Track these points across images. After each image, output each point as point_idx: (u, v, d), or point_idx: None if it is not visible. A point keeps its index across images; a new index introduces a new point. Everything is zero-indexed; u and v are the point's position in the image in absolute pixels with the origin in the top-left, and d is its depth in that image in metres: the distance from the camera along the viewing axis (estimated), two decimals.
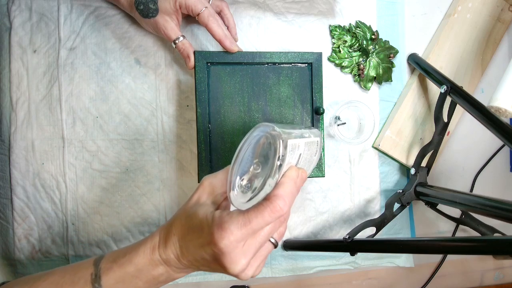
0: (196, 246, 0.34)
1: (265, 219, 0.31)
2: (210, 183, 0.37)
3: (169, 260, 0.35)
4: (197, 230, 0.34)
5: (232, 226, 0.31)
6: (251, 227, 0.31)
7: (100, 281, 0.35)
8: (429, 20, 0.67)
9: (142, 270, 0.35)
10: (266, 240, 0.33)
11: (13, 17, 0.54)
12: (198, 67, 0.52)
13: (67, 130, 0.56)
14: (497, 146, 0.71)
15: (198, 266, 0.35)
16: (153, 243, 0.36)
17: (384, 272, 0.68)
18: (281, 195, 0.32)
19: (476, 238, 0.42)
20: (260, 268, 0.35)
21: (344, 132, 0.63)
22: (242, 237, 0.32)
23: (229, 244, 0.31)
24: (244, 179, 0.35)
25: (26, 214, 0.55)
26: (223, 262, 0.32)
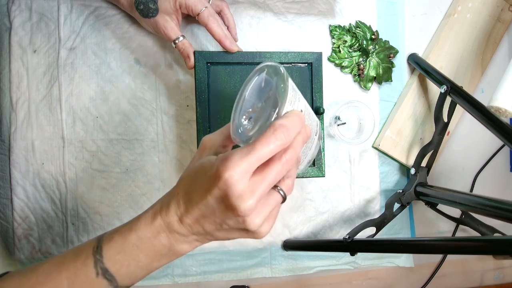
0: (201, 192, 0.32)
1: (269, 146, 0.30)
2: (210, 139, 0.37)
3: (172, 223, 0.33)
4: (201, 176, 0.32)
5: (236, 156, 0.30)
6: (256, 155, 0.30)
7: (101, 252, 0.34)
8: (429, 20, 0.67)
9: (143, 239, 0.34)
10: (273, 180, 0.31)
11: (13, 17, 0.54)
12: (198, 67, 0.52)
13: (67, 130, 0.56)
14: (497, 146, 0.71)
15: (204, 227, 0.33)
16: (154, 209, 0.35)
17: (384, 272, 0.68)
18: (284, 124, 0.30)
19: (476, 238, 0.42)
20: (270, 221, 0.33)
21: (344, 132, 0.63)
22: (247, 166, 0.30)
23: (234, 174, 0.29)
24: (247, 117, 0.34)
25: (26, 214, 0.55)
26: (229, 197, 0.30)
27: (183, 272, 0.59)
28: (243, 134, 0.34)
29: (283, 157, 0.31)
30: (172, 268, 0.59)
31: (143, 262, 0.34)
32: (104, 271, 0.34)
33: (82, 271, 0.34)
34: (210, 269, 0.60)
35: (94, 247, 0.35)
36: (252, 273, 0.61)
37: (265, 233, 0.33)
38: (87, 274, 0.34)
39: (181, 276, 0.59)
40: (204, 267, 0.60)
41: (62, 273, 0.34)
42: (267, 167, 0.31)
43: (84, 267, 0.34)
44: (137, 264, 0.34)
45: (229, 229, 0.33)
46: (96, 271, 0.34)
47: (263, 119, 0.33)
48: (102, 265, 0.34)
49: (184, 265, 0.59)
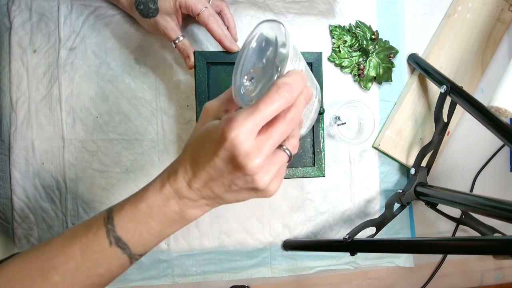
0: (208, 155, 0.31)
1: (273, 104, 0.30)
2: (212, 105, 0.36)
3: (180, 189, 0.33)
4: (207, 140, 0.32)
5: (240, 116, 0.30)
6: (260, 114, 0.29)
7: (113, 221, 0.34)
8: (429, 20, 0.67)
9: (153, 207, 0.34)
10: (279, 138, 0.31)
11: (13, 17, 0.54)
12: (198, 67, 0.52)
13: (67, 130, 0.56)
14: (497, 146, 0.71)
15: (213, 189, 0.33)
16: (162, 177, 0.35)
17: (384, 272, 0.68)
18: (287, 82, 0.30)
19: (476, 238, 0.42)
20: (278, 179, 0.33)
21: (344, 132, 0.63)
22: (253, 125, 0.30)
23: (239, 134, 0.29)
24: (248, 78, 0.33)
25: (26, 214, 0.55)
26: (236, 157, 0.30)
27: (183, 272, 0.59)
28: (245, 95, 0.33)
29: (287, 115, 0.31)
30: (172, 268, 0.59)
31: (155, 229, 0.35)
32: (117, 240, 0.34)
33: (95, 242, 0.34)
34: (210, 269, 0.60)
35: (105, 218, 0.35)
36: (252, 273, 0.61)
37: (273, 191, 0.33)
38: (100, 244, 0.34)
39: (181, 276, 0.59)
40: (204, 267, 0.60)
41: (75, 245, 0.34)
42: (272, 126, 0.31)
43: (97, 238, 0.34)
44: (149, 232, 0.35)
45: (238, 189, 0.33)
46: (109, 241, 0.34)
47: (265, 79, 0.32)
48: (114, 234, 0.34)
49: (184, 265, 0.59)
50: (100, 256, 0.34)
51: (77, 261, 0.34)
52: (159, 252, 0.59)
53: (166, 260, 0.59)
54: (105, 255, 0.34)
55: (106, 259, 0.35)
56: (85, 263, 0.34)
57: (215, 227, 0.60)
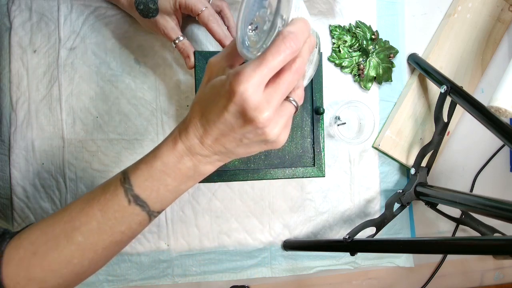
0: (217, 111, 0.32)
1: (280, 55, 0.29)
2: (216, 61, 0.36)
3: (193, 146, 0.34)
4: (215, 95, 0.32)
5: (248, 69, 0.29)
6: (267, 65, 0.29)
7: (129, 181, 0.35)
8: (429, 20, 0.67)
9: (168, 164, 0.35)
10: (286, 90, 0.31)
11: (13, 17, 0.54)
12: (198, 67, 0.52)
13: (67, 130, 0.56)
14: (497, 146, 0.71)
15: (224, 145, 0.33)
16: (173, 135, 0.35)
17: (384, 272, 0.68)
18: (293, 31, 0.30)
19: (476, 238, 0.42)
20: (286, 130, 0.34)
21: (344, 132, 0.63)
22: (260, 78, 0.29)
23: (248, 87, 0.29)
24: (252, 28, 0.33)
25: (26, 214, 0.55)
26: (246, 111, 0.30)
27: (183, 272, 0.59)
28: (249, 47, 0.33)
29: (293, 66, 0.31)
30: (172, 268, 0.59)
31: (171, 186, 0.36)
32: (135, 198, 0.35)
33: (114, 202, 0.35)
34: (210, 269, 0.60)
35: (121, 179, 0.36)
36: (252, 273, 0.61)
37: (282, 142, 0.34)
38: (120, 203, 0.35)
39: (181, 276, 0.59)
40: (204, 267, 0.60)
41: (94, 206, 0.36)
42: (279, 78, 0.31)
43: (115, 197, 0.35)
44: (166, 188, 0.36)
45: (249, 143, 0.33)
46: (128, 199, 0.35)
47: (269, 28, 0.31)
48: (132, 192, 0.35)
49: (184, 265, 0.59)
50: (120, 215, 0.35)
51: (98, 221, 0.35)
52: (159, 252, 0.59)
53: (166, 260, 0.59)
54: (125, 213, 0.35)
55: (126, 217, 0.36)
56: (106, 222, 0.35)
57: (215, 227, 0.60)
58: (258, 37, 0.32)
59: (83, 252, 0.36)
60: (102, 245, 0.36)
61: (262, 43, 0.31)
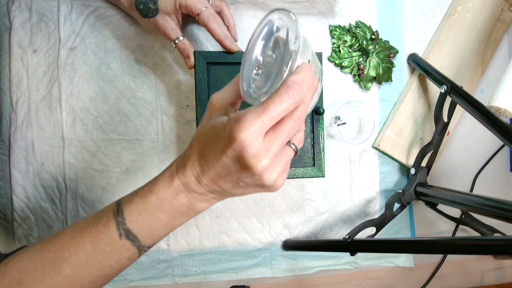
0: (216, 154, 0.32)
1: (282, 105, 0.29)
2: (218, 98, 0.36)
3: (189, 184, 0.34)
4: (215, 138, 0.32)
5: (249, 116, 0.30)
6: (269, 114, 0.29)
7: (122, 214, 0.35)
8: (429, 20, 0.67)
9: (163, 200, 0.34)
10: (286, 137, 0.32)
11: (13, 17, 0.54)
12: (198, 67, 0.52)
13: (67, 130, 0.56)
14: (497, 146, 0.71)
15: (221, 185, 0.34)
16: (171, 170, 0.35)
17: (384, 272, 0.68)
18: (297, 81, 0.30)
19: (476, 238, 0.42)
20: (284, 175, 0.34)
21: (344, 132, 0.63)
22: (261, 126, 0.30)
23: (248, 135, 0.29)
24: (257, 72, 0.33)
25: (26, 214, 0.55)
26: (245, 158, 0.30)
27: (183, 272, 0.59)
28: (253, 91, 0.33)
29: (295, 113, 0.31)
30: (172, 268, 0.59)
31: (164, 221, 0.35)
32: (127, 232, 0.35)
33: (105, 234, 0.35)
34: (210, 269, 0.60)
35: (114, 210, 0.35)
36: (252, 273, 0.61)
37: (280, 186, 0.34)
38: (110, 237, 0.35)
39: (181, 276, 0.59)
40: (204, 267, 0.60)
41: (85, 237, 0.35)
42: (280, 125, 0.31)
43: (107, 230, 0.35)
44: (159, 224, 0.35)
45: (246, 186, 0.33)
46: (119, 233, 0.35)
47: (274, 74, 0.31)
48: (124, 226, 0.35)
49: (184, 265, 0.59)
50: (110, 248, 0.35)
51: (87, 253, 0.35)
52: (159, 252, 0.59)
53: (166, 260, 0.59)
54: (115, 247, 0.35)
55: (116, 251, 0.35)
56: (95, 255, 0.35)
57: (215, 227, 0.60)
58: (263, 82, 0.33)
59: (69, 284, 0.35)
60: (89, 278, 0.35)
61: (267, 89, 0.31)
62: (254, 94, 0.33)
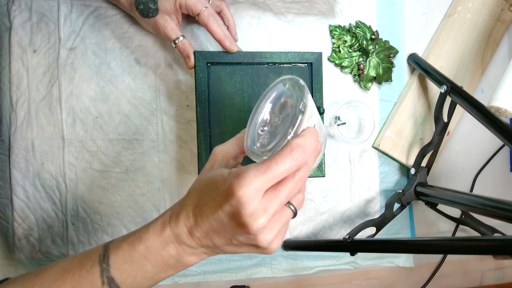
0: (212, 207, 0.31)
1: (285, 166, 0.29)
2: (221, 150, 0.36)
3: (181, 235, 0.33)
4: (213, 190, 0.32)
5: (250, 174, 0.29)
6: (271, 174, 0.29)
7: (108, 260, 0.34)
8: (429, 20, 0.67)
9: (151, 249, 0.33)
10: (286, 198, 0.31)
11: (13, 17, 0.54)
12: (198, 67, 0.52)
13: (67, 130, 0.56)
14: (497, 146, 0.71)
15: (213, 241, 0.33)
16: (164, 219, 0.34)
17: (384, 272, 0.68)
18: (301, 144, 0.30)
19: (476, 238, 0.42)
20: (280, 237, 0.33)
21: (344, 132, 0.63)
22: (261, 185, 0.29)
23: (247, 193, 0.29)
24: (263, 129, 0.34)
25: (26, 214, 0.55)
26: (241, 215, 0.29)
27: (183, 272, 0.59)
28: (257, 148, 0.33)
29: (297, 175, 0.31)
30: None
31: (150, 273, 0.34)
32: (110, 281, 0.33)
33: (88, 280, 0.34)
34: (210, 269, 0.60)
35: (101, 255, 0.34)
36: (252, 273, 0.61)
37: (274, 249, 0.33)
38: (93, 283, 0.33)
39: (181, 276, 0.59)
40: (204, 267, 0.60)
41: (67, 281, 0.34)
42: (280, 185, 0.31)
43: (90, 276, 0.34)
44: (144, 275, 0.34)
45: (239, 244, 0.32)
46: (102, 280, 0.33)
47: (279, 135, 0.32)
48: (108, 274, 0.33)
49: None
50: None
51: None
52: None
53: None
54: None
55: None
56: None
57: None
58: (268, 140, 0.33)
59: None
60: None
61: (271, 147, 0.32)
62: (257, 151, 0.33)
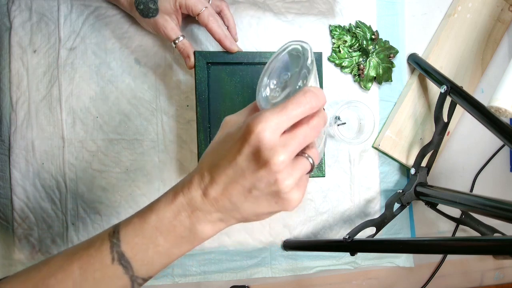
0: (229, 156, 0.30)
1: (300, 106, 0.29)
2: (232, 118, 0.35)
3: (194, 200, 0.31)
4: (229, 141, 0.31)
5: (267, 113, 0.29)
6: (287, 113, 0.29)
7: (118, 235, 0.32)
8: (429, 20, 0.67)
9: (162, 220, 0.32)
10: (303, 140, 0.30)
11: (13, 17, 0.54)
12: (198, 67, 0.52)
13: (67, 130, 0.56)
14: (497, 146, 0.71)
15: (230, 197, 0.31)
16: (175, 188, 0.33)
17: (384, 272, 0.68)
18: (312, 90, 0.30)
19: (476, 238, 0.42)
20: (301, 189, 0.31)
21: (344, 132, 0.63)
22: (279, 122, 0.29)
23: (265, 127, 0.28)
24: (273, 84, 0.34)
25: (26, 214, 0.55)
26: (261, 151, 0.29)
27: (183, 272, 0.59)
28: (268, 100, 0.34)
29: (311, 121, 0.31)
30: (172, 268, 0.59)
31: (162, 247, 0.32)
32: (120, 256, 0.32)
33: (96, 258, 0.32)
34: (210, 269, 0.60)
35: (110, 232, 0.33)
36: (252, 273, 0.61)
37: (296, 201, 0.31)
38: (102, 261, 0.32)
39: (181, 276, 0.59)
40: (204, 267, 0.60)
41: (74, 263, 0.32)
42: (296, 128, 0.30)
43: (99, 254, 0.32)
44: (156, 249, 0.32)
45: (259, 195, 0.31)
46: (111, 257, 0.32)
47: (290, 87, 0.33)
48: (118, 249, 0.32)
49: (184, 265, 0.59)
50: (100, 275, 0.32)
51: (74, 280, 0.32)
52: None
53: None
54: (105, 274, 0.32)
55: (106, 279, 0.32)
56: (83, 283, 0.32)
57: None
58: (279, 93, 0.34)
59: None
60: None
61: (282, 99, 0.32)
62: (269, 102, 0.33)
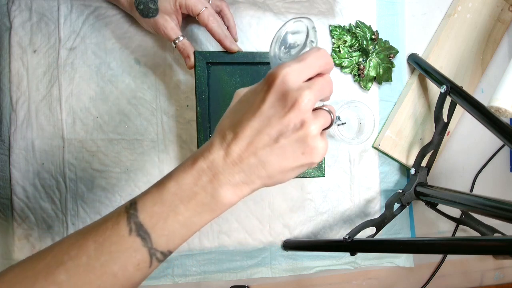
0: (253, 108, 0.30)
1: (316, 57, 0.31)
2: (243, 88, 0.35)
3: (215, 161, 0.30)
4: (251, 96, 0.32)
5: (288, 62, 0.31)
6: (306, 62, 0.30)
7: (136, 206, 0.31)
8: (429, 20, 0.67)
9: (182, 186, 0.30)
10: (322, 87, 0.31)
11: (13, 17, 0.54)
12: (198, 67, 0.52)
13: (67, 130, 0.56)
14: (497, 146, 0.71)
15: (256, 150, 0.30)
16: (195, 154, 0.32)
17: (384, 272, 0.68)
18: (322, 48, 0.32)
19: (476, 238, 0.42)
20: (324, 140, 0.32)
21: (344, 132, 0.63)
22: (300, 69, 0.30)
23: (290, 71, 0.30)
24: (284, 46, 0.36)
25: (26, 214, 0.55)
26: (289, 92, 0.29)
27: (183, 272, 0.59)
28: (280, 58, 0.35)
29: (325, 76, 0.32)
30: (172, 268, 0.59)
31: (183, 215, 0.31)
32: (138, 227, 0.30)
33: (113, 231, 0.30)
34: (210, 269, 0.60)
35: (127, 205, 0.32)
36: (252, 273, 0.61)
37: (322, 149, 0.31)
38: (119, 233, 0.30)
39: (181, 276, 0.59)
40: (204, 267, 0.60)
41: (89, 238, 0.30)
42: (314, 79, 0.32)
43: (116, 226, 0.30)
44: (176, 218, 0.31)
45: (286, 144, 0.30)
46: (129, 228, 0.30)
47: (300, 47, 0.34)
48: (136, 219, 0.30)
49: (184, 265, 0.59)
50: (116, 248, 0.30)
51: (89, 255, 0.30)
52: None
53: (166, 260, 0.59)
54: (122, 247, 0.30)
55: (123, 252, 0.30)
56: (98, 257, 0.30)
57: (215, 227, 0.60)
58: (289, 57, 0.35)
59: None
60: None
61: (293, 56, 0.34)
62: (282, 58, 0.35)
